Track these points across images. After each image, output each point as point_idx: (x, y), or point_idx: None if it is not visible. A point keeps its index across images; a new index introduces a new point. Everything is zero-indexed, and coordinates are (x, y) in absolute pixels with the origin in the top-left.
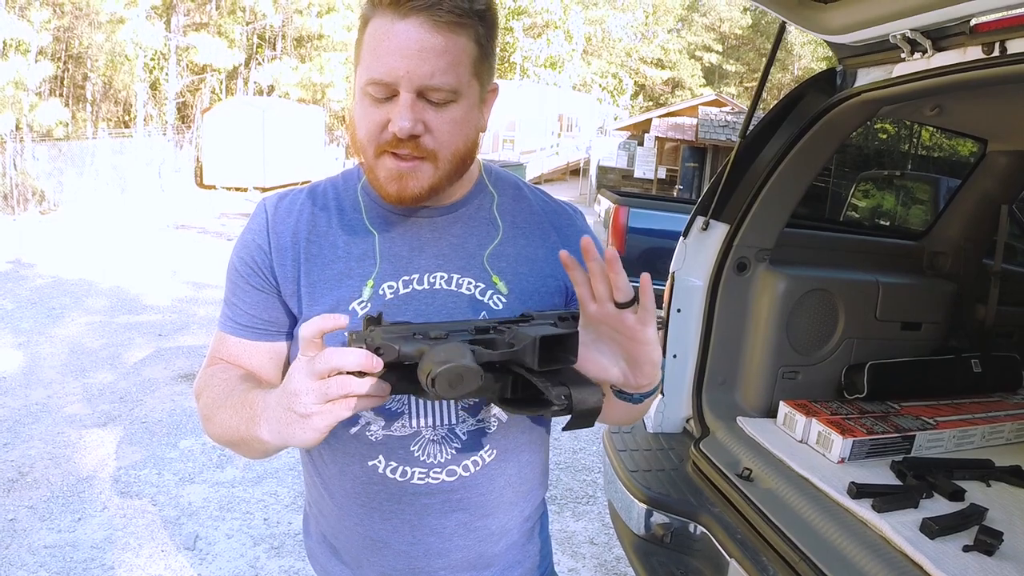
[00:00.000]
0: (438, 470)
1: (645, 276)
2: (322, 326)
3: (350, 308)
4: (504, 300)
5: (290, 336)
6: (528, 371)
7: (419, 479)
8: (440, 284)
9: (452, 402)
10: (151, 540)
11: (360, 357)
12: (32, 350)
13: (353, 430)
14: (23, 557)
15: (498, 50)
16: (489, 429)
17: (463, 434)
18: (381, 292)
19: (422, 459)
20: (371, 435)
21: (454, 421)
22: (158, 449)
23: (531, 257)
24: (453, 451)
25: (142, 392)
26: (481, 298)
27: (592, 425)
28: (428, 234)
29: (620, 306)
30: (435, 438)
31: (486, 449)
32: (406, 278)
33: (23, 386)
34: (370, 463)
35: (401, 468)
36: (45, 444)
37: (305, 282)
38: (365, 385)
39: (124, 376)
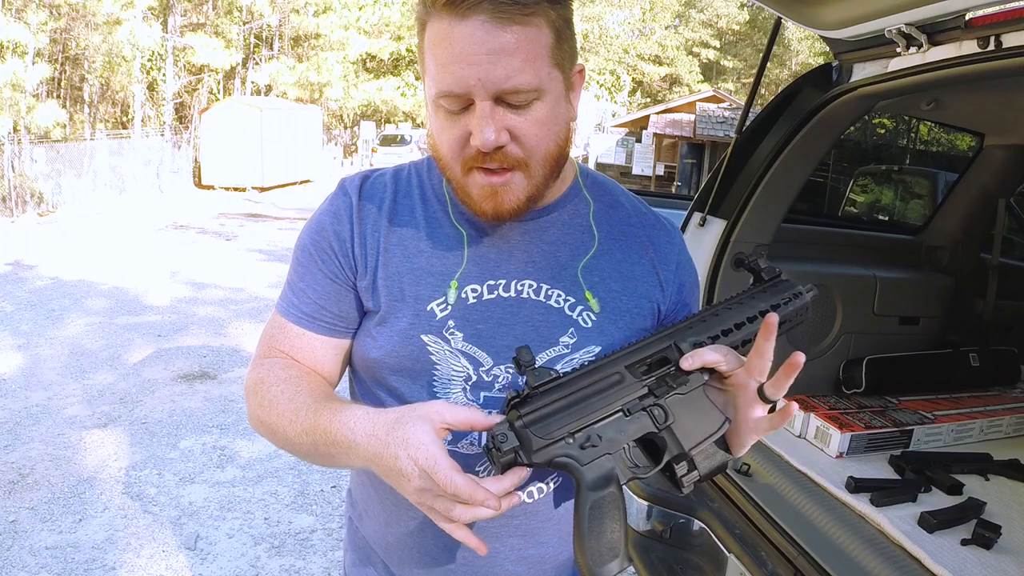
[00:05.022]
0: None
1: (793, 405)
2: (472, 422)
3: (429, 308)
4: (594, 318)
5: (356, 333)
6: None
7: None
8: (528, 293)
9: None
10: (152, 540)
11: (489, 511)
12: (32, 352)
13: None
14: (24, 558)
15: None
16: None
17: None
18: (464, 295)
19: None
20: None
21: None
22: (158, 449)
23: (626, 274)
24: None
25: (142, 393)
26: (570, 313)
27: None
28: (518, 238)
29: (763, 398)
30: None
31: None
32: (491, 283)
33: (23, 388)
34: None
35: None
36: (45, 446)
37: (383, 274)
38: (467, 516)
39: (124, 377)
